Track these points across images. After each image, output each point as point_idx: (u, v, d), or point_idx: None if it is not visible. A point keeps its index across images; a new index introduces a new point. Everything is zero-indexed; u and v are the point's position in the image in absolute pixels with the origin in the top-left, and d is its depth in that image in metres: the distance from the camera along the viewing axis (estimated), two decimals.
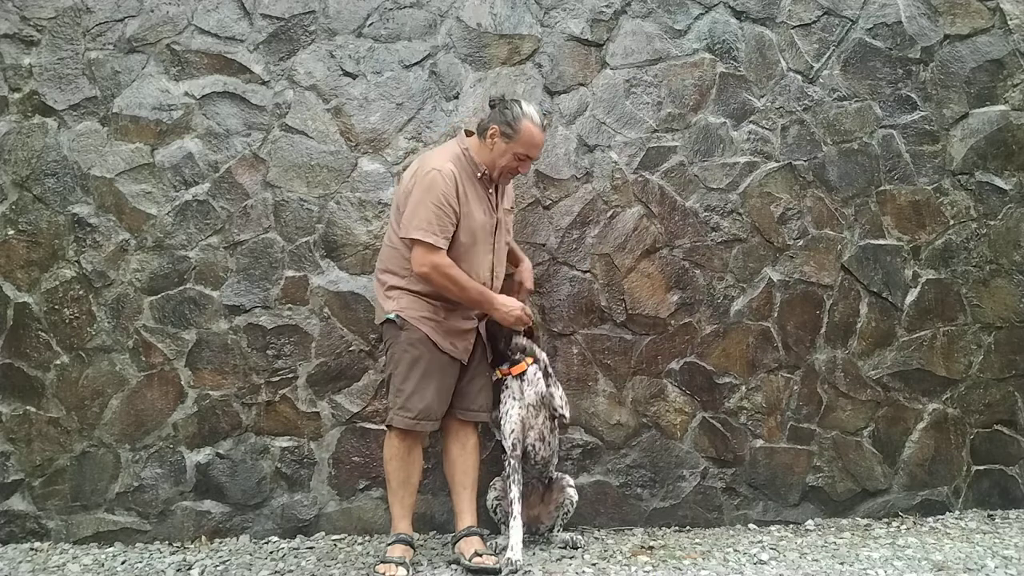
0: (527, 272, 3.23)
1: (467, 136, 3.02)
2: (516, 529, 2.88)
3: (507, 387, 3.02)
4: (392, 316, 2.89)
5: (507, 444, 2.97)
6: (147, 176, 3.37)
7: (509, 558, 2.81)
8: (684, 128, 3.52)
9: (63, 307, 3.33)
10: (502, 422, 2.99)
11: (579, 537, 3.13)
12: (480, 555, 2.80)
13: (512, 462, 2.95)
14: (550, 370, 3.08)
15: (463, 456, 2.99)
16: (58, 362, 3.33)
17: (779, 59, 3.58)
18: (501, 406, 3.01)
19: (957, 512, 3.55)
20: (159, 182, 3.37)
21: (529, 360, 3.03)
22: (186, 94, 3.39)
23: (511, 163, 2.91)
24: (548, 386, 3.01)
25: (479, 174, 2.92)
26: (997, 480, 3.61)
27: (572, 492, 3.14)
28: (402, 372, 2.89)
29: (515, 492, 2.92)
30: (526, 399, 2.98)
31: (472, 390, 3.02)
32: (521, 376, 3.00)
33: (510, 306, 2.92)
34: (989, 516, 3.51)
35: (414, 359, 2.87)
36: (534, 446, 2.99)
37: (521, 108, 2.89)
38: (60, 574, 2.95)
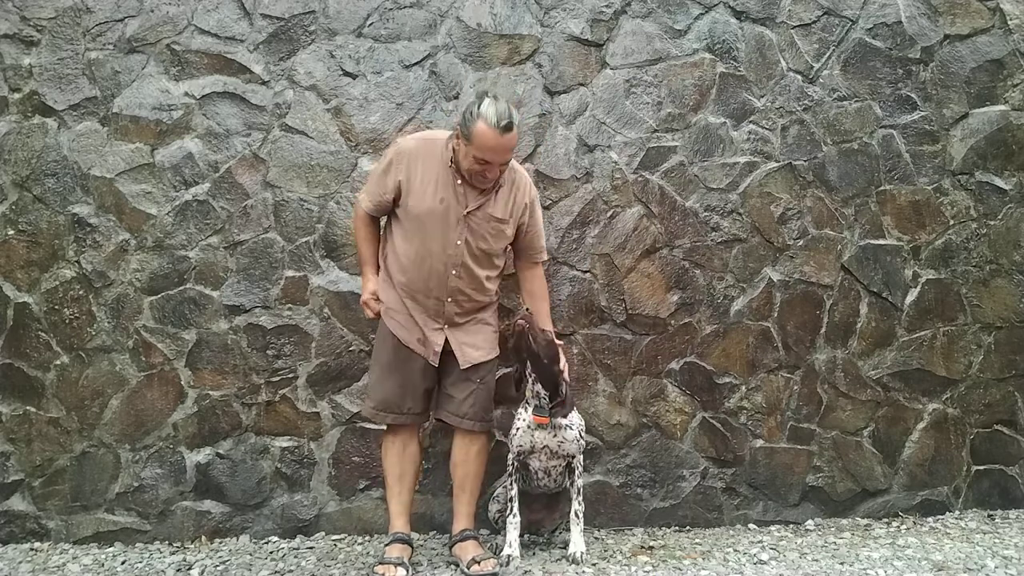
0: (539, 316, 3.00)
1: None
2: (513, 527, 2.90)
3: (527, 411, 2.91)
4: None
5: (512, 448, 2.96)
6: (147, 176, 3.37)
7: (508, 554, 2.84)
8: (684, 128, 3.52)
9: (63, 307, 3.33)
10: (512, 431, 2.95)
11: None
12: (477, 561, 2.78)
13: (515, 464, 2.96)
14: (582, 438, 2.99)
15: (465, 462, 2.97)
16: (58, 362, 3.33)
17: (779, 59, 3.58)
18: (516, 419, 2.95)
19: (957, 512, 3.55)
20: (159, 182, 3.37)
21: (548, 420, 2.86)
22: (186, 94, 3.39)
23: (474, 167, 2.72)
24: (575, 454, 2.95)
25: (450, 164, 2.82)
26: (997, 480, 3.61)
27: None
28: (373, 359, 3.02)
29: (514, 491, 2.93)
30: (541, 438, 2.88)
31: (457, 395, 2.92)
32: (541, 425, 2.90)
33: (364, 293, 2.99)
34: (989, 516, 3.51)
35: (378, 350, 2.98)
36: (537, 473, 2.97)
37: (479, 108, 2.66)
38: (60, 574, 2.95)
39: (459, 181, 2.82)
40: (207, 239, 3.37)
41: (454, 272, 2.84)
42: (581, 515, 2.96)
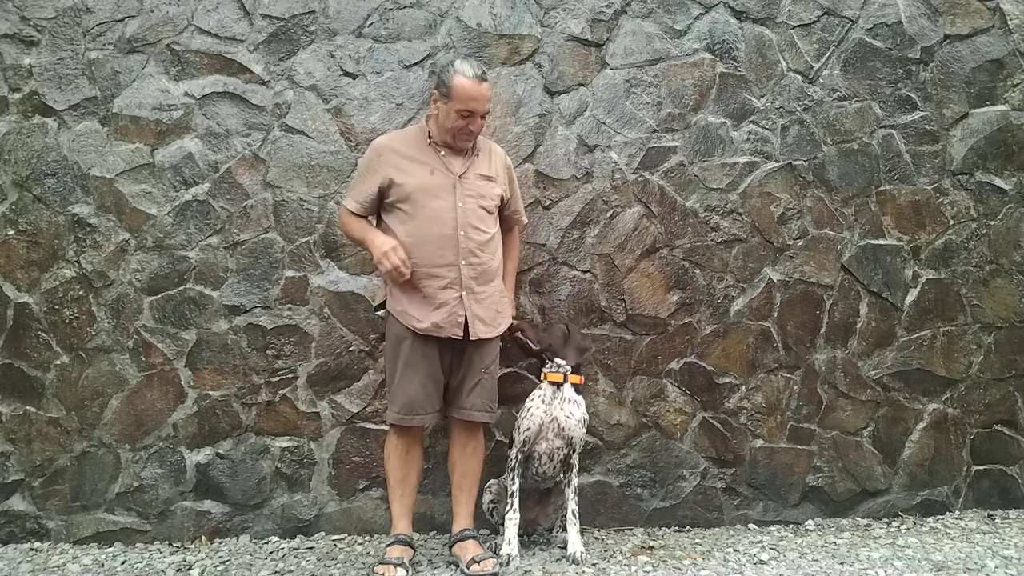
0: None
1: None
2: (512, 524, 2.90)
3: (541, 388, 2.97)
4: (381, 312, 3.02)
5: (517, 438, 2.95)
6: (147, 176, 3.37)
7: (507, 553, 2.84)
8: (684, 128, 3.52)
9: (63, 307, 3.33)
10: (521, 416, 2.96)
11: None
12: (477, 561, 2.78)
13: (518, 456, 2.95)
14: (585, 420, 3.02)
15: (463, 459, 2.98)
16: (58, 362, 3.33)
17: (779, 59, 3.58)
18: (527, 401, 2.98)
19: (957, 512, 3.55)
20: (159, 182, 3.37)
21: (562, 377, 2.93)
22: (186, 94, 3.39)
23: (457, 123, 2.84)
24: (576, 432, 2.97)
25: (428, 140, 2.94)
26: (997, 480, 3.61)
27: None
28: (390, 366, 2.96)
29: (515, 486, 2.93)
30: (552, 410, 2.92)
31: (464, 388, 2.94)
32: (559, 385, 2.95)
33: (382, 246, 2.79)
34: (989, 516, 3.51)
35: (396, 351, 2.91)
36: (540, 458, 2.96)
37: (454, 66, 2.85)
38: (60, 574, 2.95)
39: (441, 152, 2.93)
40: (207, 239, 3.37)
41: (463, 233, 2.87)
42: (577, 515, 2.96)
